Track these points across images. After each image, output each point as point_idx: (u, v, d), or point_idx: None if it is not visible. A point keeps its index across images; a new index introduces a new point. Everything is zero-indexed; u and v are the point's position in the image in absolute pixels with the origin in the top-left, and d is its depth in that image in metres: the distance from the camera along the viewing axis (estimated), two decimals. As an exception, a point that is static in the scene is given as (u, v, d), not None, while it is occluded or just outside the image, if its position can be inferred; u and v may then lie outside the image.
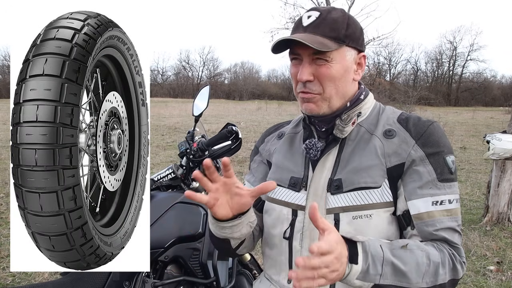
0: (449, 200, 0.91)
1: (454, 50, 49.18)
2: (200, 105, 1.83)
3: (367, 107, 1.02)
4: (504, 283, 2.93)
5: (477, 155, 8.63)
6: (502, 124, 11.39)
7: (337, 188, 0.95)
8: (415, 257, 0.84)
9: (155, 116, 18.81)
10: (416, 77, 51.09)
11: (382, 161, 0.93)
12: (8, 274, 2.97)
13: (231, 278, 1.76)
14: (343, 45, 0.94)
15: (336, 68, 0.94)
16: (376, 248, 0.83)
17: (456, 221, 0.92)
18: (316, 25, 0.94)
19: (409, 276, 0.83)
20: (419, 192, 0.91)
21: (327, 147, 1.00)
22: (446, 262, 0.88)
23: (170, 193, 1.75)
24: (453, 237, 0.91)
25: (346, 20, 0.95)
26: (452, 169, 0.93)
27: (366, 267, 0.80)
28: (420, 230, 0.91)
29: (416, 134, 0.94)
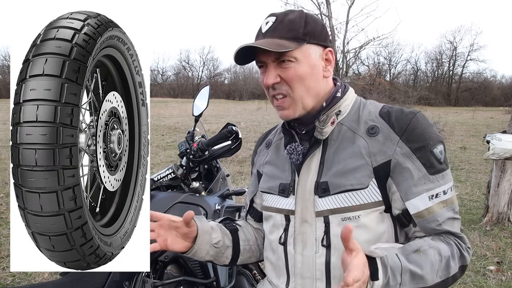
0: (443, 191, 0.92)
1: (454, 50, 49.21)
2: (200, 105, 1.83)
3: (346, 104, 1.00)
4: (504, 283, 2.93)
5: (477, 155, 8.63)
6: (502, 124, 11.38)
7: (324, 191, 0.95)
8: (429, 259, 0.86)
9: (155, 116, 18.80)
10: (416, 77, 51.10)
11: (368, 160, 0.92)
12: (8, 274, 2.98)
13: (231, 278, 1.76)
14: (304, 43, 0.94)
15: (302, 67, 0.94)
16: (394, 259, 0.83)
17: (453, 209, 0.94)
18: (273, 29, 0.95)
19: (426, 278, 0.86)
20: (414, 190, 0.91)
21: (310, 149, 0.99)
22: (455, 253, 0.91)
23: (170, 193, 1.75)
24: (455, 226, 0.94)
25: (304, 19, 0.95)
26: (441, 159, 0.93)
27: (387, 280, 0.81)
28: (423, 227, 0.93)
29: (400, 130, 0.92)
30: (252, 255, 1.19)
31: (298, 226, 0.98)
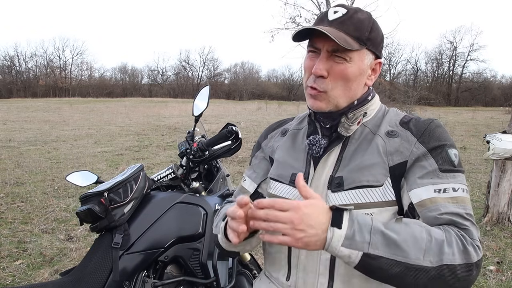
0: (453, 188, 0.87)
1: (454, 50, 49.23)
2: (200, 105, 1.83)
3: (372, 108, 1.01)
4: (504, 283, 2.93)
5: (477, 155, 8.63)
6: (502, 124, 11.39)
7: (338, 185, 0.94)
8: (410, 230, 0.79)
9: (155, 116, 18.80)
10: (416, 77, 51.12)
11: (384, 159, 0.92)
12: (8, 274, 2.98)
13: (231, 278, 1.76)
14: (364, 48, 0.93)
15: (353, 69, 0.93)
16: (364, 217, 0.79)
17: (464, 208, 0.86)
18: (341, 21, 0.92)
19: (405, 249, 0.76)
20: (419, 181, 0.89)
21: (330, 144, 0.99)
22: (453, 241, 0.80)
23: (170, 193, 1.75)
24: (462, 221, 0.84)
25: (371, 24, 0.95)
26: (455, 162, 0.90)
27: (352, 233, 0.76)
28: (425, 217, 0.87)
29: (417, 132, 0.93)
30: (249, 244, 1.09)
31: None
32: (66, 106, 25.94)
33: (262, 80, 61.42)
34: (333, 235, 0.75)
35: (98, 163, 7.27)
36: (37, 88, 51.26)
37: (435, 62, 50.97)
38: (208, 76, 60.98)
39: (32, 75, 54.91)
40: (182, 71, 61.92)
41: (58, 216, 4.28)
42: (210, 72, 61.65)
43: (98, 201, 1.52)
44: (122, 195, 1.56)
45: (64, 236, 3.74)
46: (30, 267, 3.11)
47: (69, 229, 3.93)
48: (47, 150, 8.69)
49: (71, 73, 57.55)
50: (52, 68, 56.26)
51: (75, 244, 3.52)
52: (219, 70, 62.46)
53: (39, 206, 4.61)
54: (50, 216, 4.27)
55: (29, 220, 4.16)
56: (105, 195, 1.53)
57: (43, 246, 3.49)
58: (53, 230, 3.90)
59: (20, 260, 3.21)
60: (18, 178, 5.94)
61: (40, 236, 3.73)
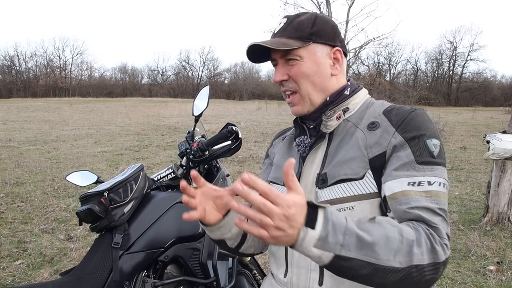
0: (428, 181, 0.86)
1: (454, 50, 49.22)
2: (200, 105, 1.83)
3: (355, 103, 1.03)
4: (504, 283, 2.93)
5: (477, 155, 8.63)
6: (502, 124, 11.39)
7: (323, 182, 0.97)
8: (383, 230, 0.77)
9: (155, 116, 18.80)
10: (416, 77, 51.12)
11: (364, 152, 0.93)
12: (8, 274, 2.98)
13: (231, 278, 1.76)
14: (310, 43, 0.98)
15: (306, 64, 0.99)
16: (339, 218, 0.75)
17: (437, 203, 0.84)
18: (283, 29, 1.01)
19: (376, 250, 0.75)
20: (394, 173, 0.88)
21: (315, 142, 1.03)
22: (423, 241, 0.78)
23: (170, 193, 1.75)
24: (432, 217, 0.83)
25: (312, 20, 1.00)
26: (434, 152, 0.88)
27: (325, 234, 0.72)
28: (395, 210, 0.86)
29: (397, 122, 0.92)
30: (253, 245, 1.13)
31: None
32: (66, 106, 25.94)
33: (262, 80, 61.41)
34: (305, 235, 0.72)
35: (98, 163, 7.27)
36: (37, 88, 51.28)
37: (435, 62, 51.02)
38: (208, 76, 61.01)
39: (32, 75, 54.97)
40: (182, 71, 61.99)
41: (58, 216, 4.28)
42: (210, 72, 61.71)
43: (98, 201, 1.53)
44: (122, 195, 1.56)
45: (64, 236, 3.74)
46: (30, 267, 3.11)
47: (69, 229, 3.93)
48: (47, 150, 8.69)
49: (71, 73, 57.64)
50: (52, 68, 56.30)
51: (75, 244, 3.52)
52: (219, 70, 62.54)
53: (39, 206, 4.61)
54: (50, 216, 4.27)
55: (29, 220, 4.16)
56: (105, 195, 1.53)
57: (43, 246, 3.49)
58: (53, 230, 3.90)
59: (20, 260, 3.22)
60: (18, 178, 5.94)
61: (40, 236, 3.73)
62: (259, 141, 10.36)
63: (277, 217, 0.67)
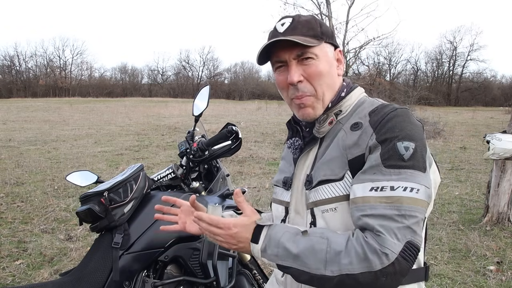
0: (391, 187, 0.83)
1: (454, 50, 49.21)
2: (200, 105, 1.83)
3: (348, 104, 1.01)
4: (504, 283, 2.93)
5: (477, 155, 8.63)
6: (502, 124, 11.38)
7: (308, 183, 0.98)
8: (310, 243, 0.86)
9: (155, 116, 18.80)
10: (416, 77, 51.09)
11: (343, 152, 0.92)
12: (8, 274, 2.98)
13: (231, 278, 1.76)
14: (322, 42, 0.98)
15: (322, 64, 0.97)
16: (276, 233, 0.91)
17: (398, 209, 0.82)
18: (293, 28, 0.97)
19: (304, 260, 0.85)
20: (361, 177, 0.87)
21: (307, 145, 1.03)
22: (352, 251, 0.81)
23: (170, 193, 1.75)
24: (382, 224, 0.81)
25: (318, 21, 1.00)
26: (405, 155, 0.85)
27: (264, 247, 0.90)
28: (352, 215, 0.87)
29: (375, 123, 0.90)
30: None
31: (292, 217, 1.03)
32: (66, 106, 25.94)
33: (262, 80, 61.38)
34: (253, 248, 0.92)
35: (98, 163, 7.27)
36: (37, 88, 51.28)
37: (435, 62, 51.00)
38: (208, 76, 61.00)
39: (32, 75, 54.96)
40: (182, 71, 61.98)
41: (58, 216, 4.28)
42: (210, 72, 61.70)
43: (98, 201, 1.52)
44: (122, 195, 1.56)
45: (64, 236, 3.74)
46: (30, 267, 3.11)
47: (69, 229, 3.93)
48: (47, 150, 8.69)
49: (71, 73, 57.63)
50: (52, 68, 56.30)
51: (75, 244, 3.52)
52: (219, 70, 62.53)
53: (39, 206, 4.61)
54: (50, 216, 4.27)
55: (29, 220, 4.16)
56: (105, 195, 1.53)
57: (43, 246, 3.49)
58: (53, 230, 3.90)
59: (20, 260, 3.22)
60: (18, 178, 5.94)
61: (40, 236, 3.73)
62: (259, 141, 10.36)
63: (221, 236, 0.93)
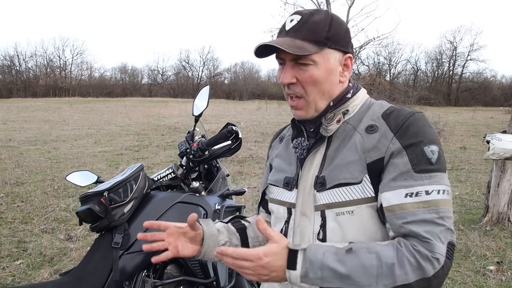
0: (426, 191, 0.85)
1: (454, 50, 49.21)
2: (200, 105, 1.83)
3: (355, 104, 1.01)
4: (504, 283, 2.93)
5: (477, 155, 8.64)
6: (502, 124, 11.38)
7: (321, 185, 0.96)
8: (359, 260, 0.83)
9: (155, 116, 18.80)
10: (416, 77, 51.10)
11: (362, 156, 0.92)
12: (8, 273, 2.98)
13: (231, 278, 1.76)
14: (325, 48, 0.93)
15: (319, 71, 0.94)
16: (316, 254, 0.85)
17: (437, 212, 0.84)
18: (297, 29, 0.94)
19: (354, 279, 0.82)
20: (392, 184, 0.87)
21: (314, 145, 1.01)
22: (405, 261, 0.82)
23: (170, 193, 1.75)
24: (427, 230, 0.83)
25: (328, 22, 0.94)
26: (432, 159, 0.87)
27: (305, 271, 0.84)
28: (391, 223, 0.88)
29: (395, 127, 0.91)
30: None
31: (298, 219, 1.01)
32: (66, 106, 25.94)
33: (262, 80, 61.42)
34: (290, 275, 0.85)
35: (98, 163, 7.28)
36: (37, 88, 51.27)
37: (435, 62, 51.00)
38: (208, 76, 60.99)
39: (32, 75, 54.95)
40: (182, 71, 61.97)
41: (58, 216, 4.28)
42: (210, 72, 61.68)
43: (98, 201, 1.53)
44: (122, 195, 1.56)
45: (64, 236, 3.74)
46: (30, 267, 3.11)
47: (69, 229, 3.93)
48: (47, 150, 8.69)
49: (71, 73, 57.62)
50: (52, 68, 56.29)
51: (75, 244, 3.52)
52: (219, 70, 62.51)
53: (39, 206, 4.61)
54: (50, 216, 4.27)
55: (29, 220, 4.16)
56: (105, 195, 1.53)
57: (43, 246, 3.49)
58: (53, 230, 3.90)
59: (20, 260, 3.22)
60: (18, 178, 5.94)
61: (40, 236, 3.73)
62: (259, 141, 10.37)
63: (251, 269, 0.84)
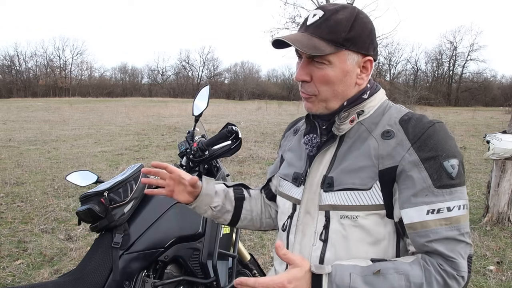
0: (448, 207, 0.85)
1: (454, 50, 49.22)
2: (200, 105, 1.83)
3: (371, 105, 0.98)
4: (504, 283, 2.93)
5: (477, 155, 8.63)
6: (502, 124, 11.39)
7: (328, 185, 0.95)
8: (389, 283, 0.82)
9: (155, 116, 18.80)
10: (416, 77, 51.12)
11: (375, 162, 0.90)
12: (8, 273, 2.98)
13: (231, 278, 1.76)
14: (342, 49, 0.90)
15: (334, 72, 0.92)
16: (343, 277, 0.83)
17: (458, 229, 0.85)
18: (317, 26, 0.91)
19: None
20: (413, 200, 0.86)
21: (325, 143, 0.99)
22: (433, 281, 0.83)
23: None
24: (450, 248, 0.84)
25: (351, 23, 0.91)
26: (453, 173, 0.86)
27: None
28: (413, 241, 0.87)
29: (414, 137, 0.88)
30: (251, 224, 1.26)
31: (302, 216, 1.00)
32: (66, 106, 25.94)
33: (262, 80, 61.42)
34: None
35: (98, 162, 7.27)
36: (37, 88, 51.25)
37: (435, 62, 51.01)
38: (208, 76, 60.99)
39: (32, 74, 54.91)
40: (182, 71, 61.95)
41: (58, 216, 4.28)
42: (210, 72, 61.67)
43: (98, 201, 1.53)
44: (122, 194, 1.56)
45: (64, 236, 3.74)
46: (30, 267, 3.11)
47: (69, 229, 3.93)
48: (47, 150, 8.69)
49: (71, 72, 57.58)
50: (52, 68, 56.27)
51: (75, 244, 3.52)
52: (219, 70, 62.48)
53: (39, 206, 4.61)
54: (50, 216, 4.27)
55: (29, 220, 4.16)
56: (105, 194, 1.53)
57: (43, 246, 3.49)
58: (53, 230, 3.90)
59: (20, 260, 3.22)
60: (18, 178, 5.94)
61: (40, 236, 3.73)
62: (259, 141, 10.36)
63: None
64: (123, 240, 1.52)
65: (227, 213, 1.21)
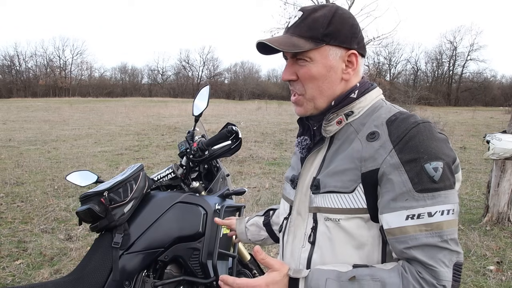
0: (429, 213, 0.81)
1: (454, 50, 49.24)
2: (200, 105, 1.83)
3: (361, 106, 0.96)
4: (504, 283, 2.93)
5: (477, 155, 8.64)
6: (502, 124, 11.39)
7: (316, 188, 0.95)
8: None
9: (155, 116, 18.80)
10: (416, 77, 51.14)
11: (358, 165, 0.88)
12: (8, 273, 2.98)
13: (231, 278, 1.75)
14: (323, 44, 0.91)
15: (317, 68, 0.92)
16: (318, 282, 0.84)
17: (440, 236, 0.80)
18: (296, 26, 0.94)
19: None
20: (392, 205, 0.83)
21: (315, 145, 1.00)
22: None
23: (170, 193, 1.75)
24: (430, 256, 0.80)
25: (329, 19, 0.92)
26: (435, 177, 0.81)
27: None
28: (393, 247, 0.85)
29: (396, 138, 0.85)
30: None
31: (294, 218, 1.01)
32: (66, 106, 25.94)
33: (262, 80, 61.46)
34: None
35: (98, 162, 7.27)
36: (37, 87, 51.26)
37: (435, 62, 51.04)
38: (208, 76, 61.00)
39: (32, 74, 54.94)
40: (182, 71, 61.97)
41: (58, 216, 4.28)
42: (210, 72, 61.70)
43: (98, 201, 1.52)
44: (122, 194, 1.56)
45: (64, 236, 3.74)
46: (30, 266, 3.11)
47: (69, 229, 3.93)
48: (47, 150, 8.69)
49: (71, 72, 57.62)
50: (52, 68, 56.29)
51: (75, 244, 3.52)
52: (219, 70, 62.52)
53: (39, 206, 4.61)
54: (50, 216, 4.27)
55: (29, 220, 4.16)
56: (105, 194, 1.53)
57: (43, 245, 3.49)
58: (53, 230, 3.90)
59: (20, 259, 3.22)
60: (18, 178, 5.94)
61: (40, 236, 3.73)
62: (259, 141, 10.36)
63: None
64: (123, 240, 1.51)
65: (266, 238, 1.41)
